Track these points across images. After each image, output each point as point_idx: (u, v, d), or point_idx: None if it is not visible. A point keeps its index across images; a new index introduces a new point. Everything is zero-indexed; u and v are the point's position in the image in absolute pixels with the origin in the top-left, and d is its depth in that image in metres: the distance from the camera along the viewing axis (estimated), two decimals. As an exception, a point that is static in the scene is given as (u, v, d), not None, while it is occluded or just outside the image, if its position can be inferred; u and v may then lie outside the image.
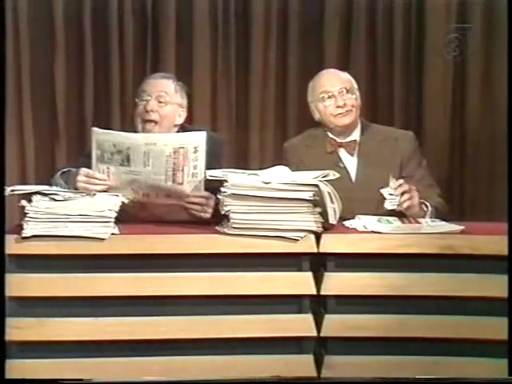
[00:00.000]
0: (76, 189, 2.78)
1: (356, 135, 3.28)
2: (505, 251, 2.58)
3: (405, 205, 2.86)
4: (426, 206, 3.00)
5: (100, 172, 2.80)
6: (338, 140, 3.27)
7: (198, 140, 2.75)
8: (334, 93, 3.22)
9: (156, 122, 3.10)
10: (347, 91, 3.24)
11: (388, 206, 2.84)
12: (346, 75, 3.31)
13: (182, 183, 2.78)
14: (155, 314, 2.64)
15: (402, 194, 2.85)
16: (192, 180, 2.78)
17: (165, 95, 3.13)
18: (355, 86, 3.31)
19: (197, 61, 4.16)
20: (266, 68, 4.19)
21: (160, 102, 3.12)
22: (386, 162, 3.19)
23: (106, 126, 4.04)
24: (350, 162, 3.25)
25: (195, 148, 2.74)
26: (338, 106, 3.22)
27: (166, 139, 2.77)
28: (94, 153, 2.80)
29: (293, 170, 2.93)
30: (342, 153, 3.26)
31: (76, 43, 4.14)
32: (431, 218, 2.97)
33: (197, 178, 2.78)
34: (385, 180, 2.91)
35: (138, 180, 2.78)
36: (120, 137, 2.78)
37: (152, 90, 3.13)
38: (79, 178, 2.79)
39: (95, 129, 2.83)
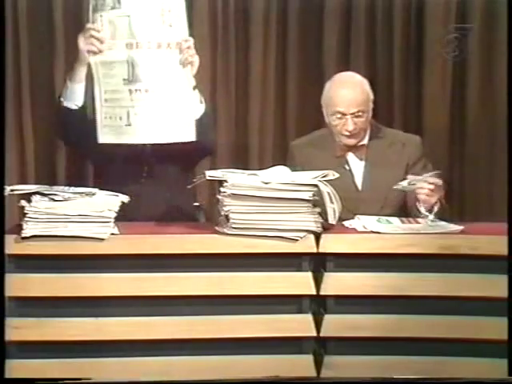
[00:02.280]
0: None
1: (365, 140, 3.26)
2: (505, 251, 2.58)
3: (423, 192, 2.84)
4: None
5: (96, 23, 2.84)
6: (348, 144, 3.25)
7: None
8: (347, 116, 3.15)
9: None
10: (360, 115, 3.15)
11: (405, 183, 2.84)
12: (364, 92, 3.20)
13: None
14: (155, 314, 2.64)
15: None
16: None
17: None
18: (371, 96, 3.22)
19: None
20: (265, 68, 4.18)
21: None
22: (392, 166, 3.19)
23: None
24: (357, 166, 3.24)
25: None
26: (347, 130, 3.17)
27: None
28: (91, 4, 2.83)
29: (299, 170, 2.92)
30: (350, 156, 3.25)
31: (75, 44, 4.13)
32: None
33: None
34: (390, 184, 2.91)
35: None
36: None
37: None
38: (81, 39, 2.90)
39: None
